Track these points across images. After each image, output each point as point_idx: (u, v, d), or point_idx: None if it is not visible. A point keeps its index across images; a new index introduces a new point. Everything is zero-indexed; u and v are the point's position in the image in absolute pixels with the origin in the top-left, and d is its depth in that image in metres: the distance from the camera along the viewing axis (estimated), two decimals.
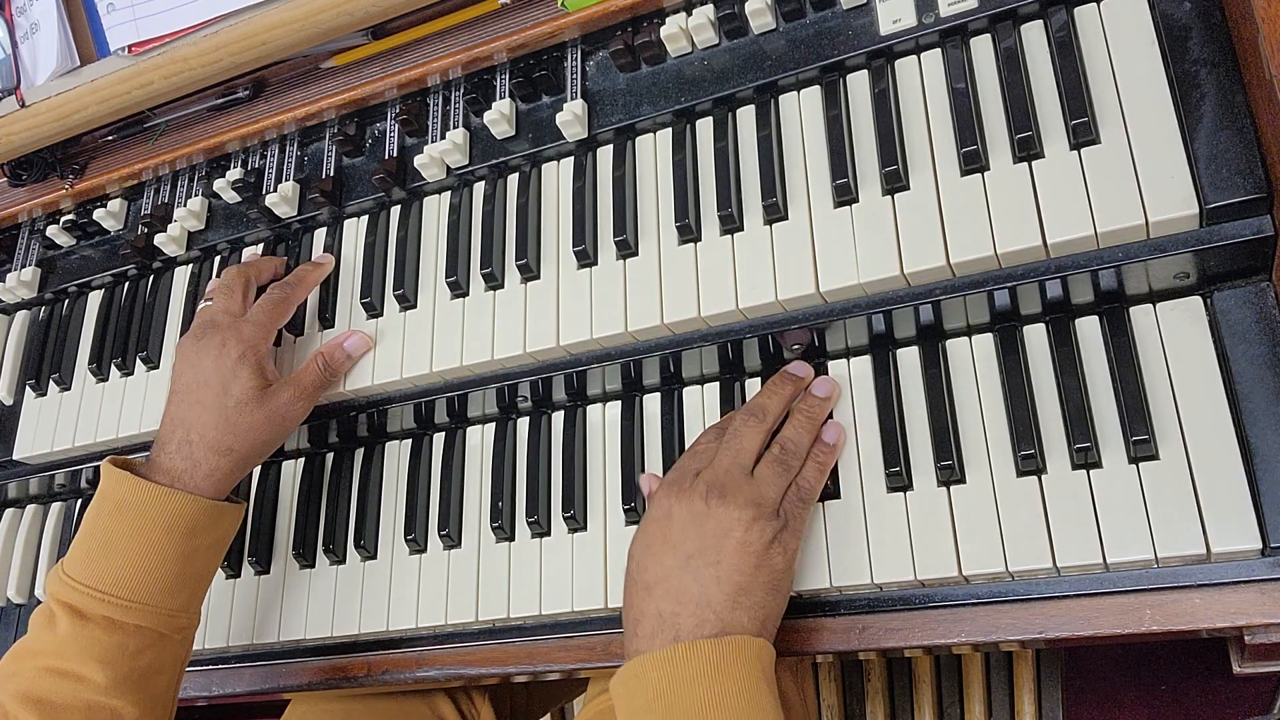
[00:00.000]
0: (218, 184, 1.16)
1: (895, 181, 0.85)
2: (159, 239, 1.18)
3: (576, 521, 0.95)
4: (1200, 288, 0.79)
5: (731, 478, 0.81)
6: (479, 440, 1.04)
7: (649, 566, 0.80)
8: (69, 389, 1.21)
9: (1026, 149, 0.81)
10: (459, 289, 1.01)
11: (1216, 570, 0.73)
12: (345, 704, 1.13)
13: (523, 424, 1.02)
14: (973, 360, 0.85)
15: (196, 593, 0.95)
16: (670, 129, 0.98)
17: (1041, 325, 0.83)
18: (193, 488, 0.93)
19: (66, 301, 1.27)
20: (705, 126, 0.96)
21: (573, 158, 1.01)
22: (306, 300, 1.08)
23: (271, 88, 1.17)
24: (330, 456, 1.11)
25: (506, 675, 0.97)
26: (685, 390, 0.96)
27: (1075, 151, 0.80)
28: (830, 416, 0.88)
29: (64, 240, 1.26)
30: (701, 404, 0.95)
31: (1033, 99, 0.82)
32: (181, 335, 1.13)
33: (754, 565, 0.78)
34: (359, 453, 1.09)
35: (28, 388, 1.24)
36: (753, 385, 0.93)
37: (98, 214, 1.23)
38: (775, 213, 0.89)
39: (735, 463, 0.82)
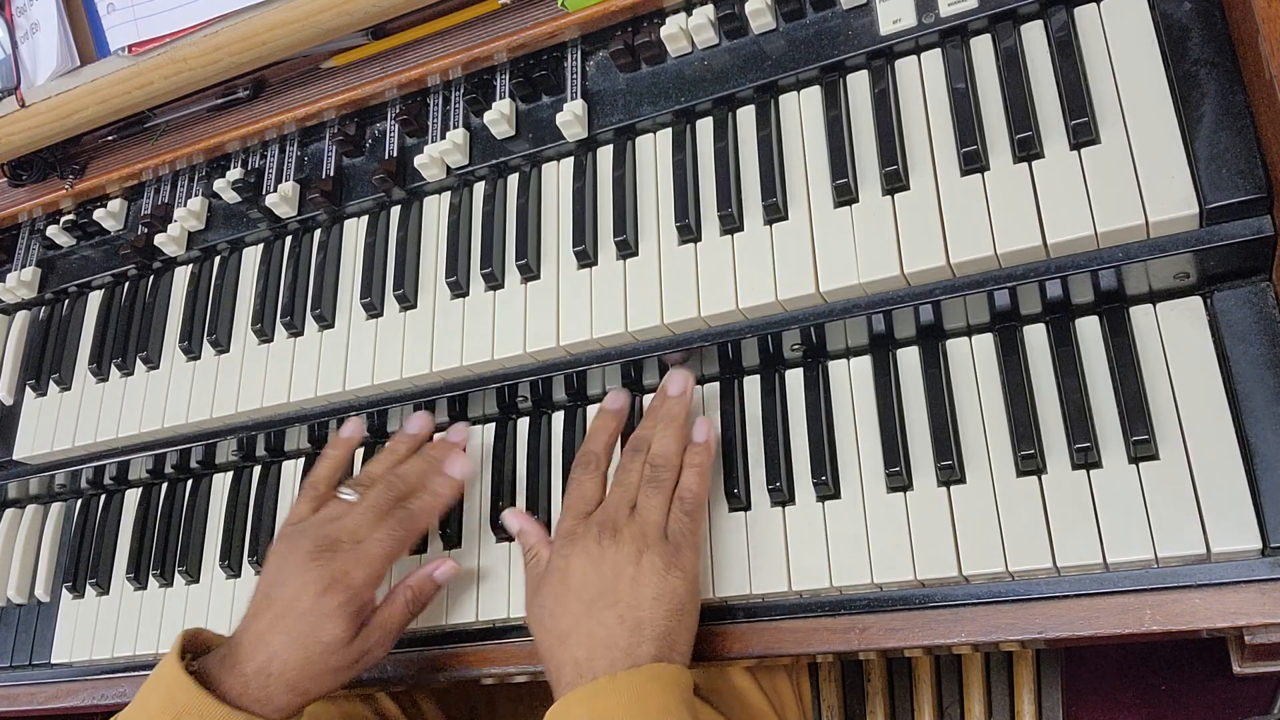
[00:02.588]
0: (218, 184, 1.16)
1: (895, 181, 0.85)
2: (159, 239, 1.18)
3: None
4: (1200, 288, 0.79)
5: (620, 514, 0.85)
6: (479, 440, 1.04)
7: (559, 616, 0.83)
8: (69, 389, 1.21)
9: (1026, 149, 0.81)
10: (459, 289, 1.01)
11: (1216, 570, 0.73)
12: None
13: (523, 424, 1.02)
14: (973, 360, 0.85)
15: None
16: (670, 129, 0.98)
17: (1041, 325, 0.83)
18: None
19: (66, 301, 1.27)
20: (705, 126, 0.96)
21: (573, 158, 1.01)
22: (307, 298, 1.09)
23: (271, 88, 1.17)
24: None
25: (507, 675, 0.97)
26: None
27: (1075, 151, 0.80)
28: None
29: (64, 240, 1.26)
30: (702, 404, 0.95)
31: (1033, 99, 0.82)
32: (182, 335, 1.14)
33: (652, 597, 0.80)
34: (359, 452, 1.09)
35: (28, 388, 1.24)
36: (752, 385, 0.93)
37: (98, 214, 1.23)
38: (775, 213, 0.89)
39: (623, 498, 0.86)
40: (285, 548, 0.91)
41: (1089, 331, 0.82)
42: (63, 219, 1.26)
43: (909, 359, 0.87)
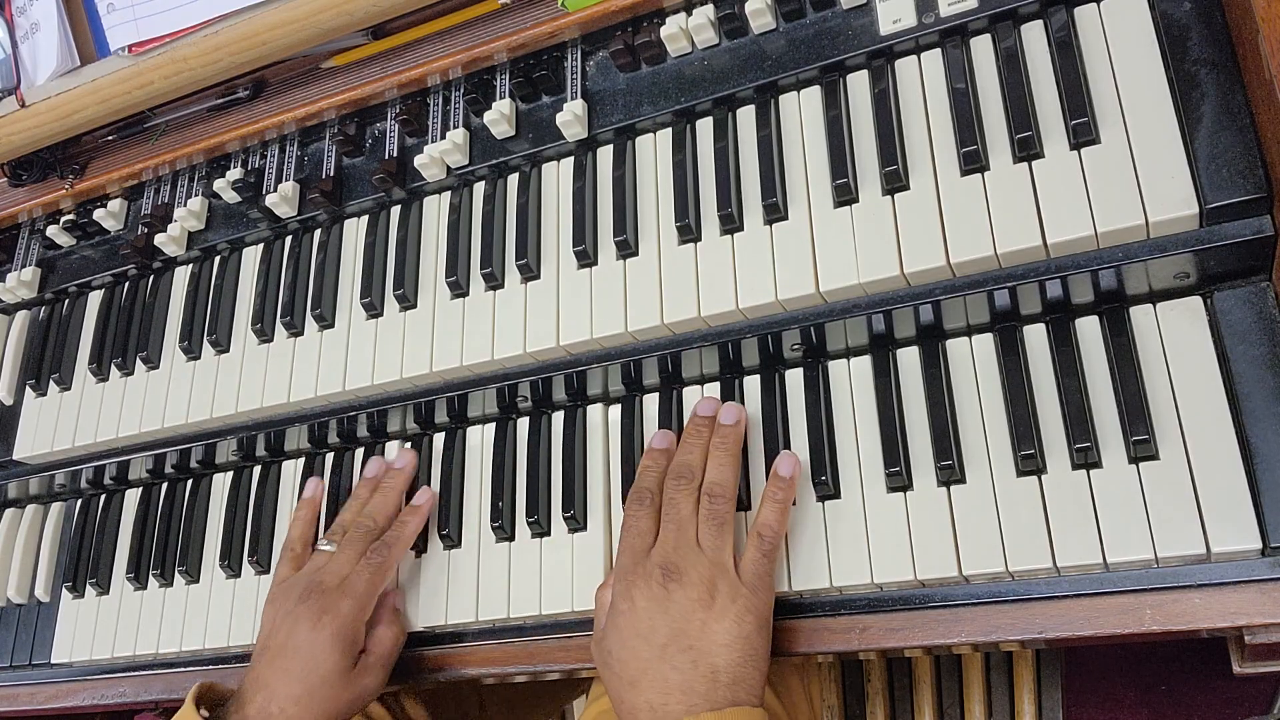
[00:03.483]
0: (218, 184, 1.16)
1: (895, 181, 0.85)
2: (159, 239, 1.18)
3: (576, 521, 0.95)
4: (1200, 288, 0.79)
5: (680, 554, 0.82)
6: (479, 440, 1.04)
7: (628, 661, 0.81)
8: (69, 389, 1.21)
9: (1026, 149, 0.81)
10: (459, 289, 1.01)
11: (1216, 570, 0.73)
12: None
13: (523, 424, 1.02)
14: (973, 360, 0.85)
15: None
16: (670, 129, 0.98)
17: (1041, 325, 0.83)
18: None
19: (66, 301, 1.27)
20: (705, 126, 0.96)
21: (573, 158, 1.01)
22: (307, 298, 1.09)
23: (271, 88, 1.17)
24: (330, 457, 1.11)
25: (507, 675, 0.97)
26: (685, 390, 0.96)
27: (1075, 151, 0.80)
28: (787, 446, 0.88)
29: (64, 240, 1.26)
30: None
31: (1033, 99, 0.82)
32: (182, 335, 1.14)
33: (725, 644, 0.79)
34: (359, 453, 1.09)
35: (28, 388, 1.24)
36: (752, 384, 0.93)
37: (98, 214, 1.23)
38: (775, 213, 0.89)
39: (681, 534, 0.83)
40: (277, 603, 0.96)
41: (1089, 331, 0.82)
42: (63, 219, 1.26)
43: (909, 359, 0.87)
